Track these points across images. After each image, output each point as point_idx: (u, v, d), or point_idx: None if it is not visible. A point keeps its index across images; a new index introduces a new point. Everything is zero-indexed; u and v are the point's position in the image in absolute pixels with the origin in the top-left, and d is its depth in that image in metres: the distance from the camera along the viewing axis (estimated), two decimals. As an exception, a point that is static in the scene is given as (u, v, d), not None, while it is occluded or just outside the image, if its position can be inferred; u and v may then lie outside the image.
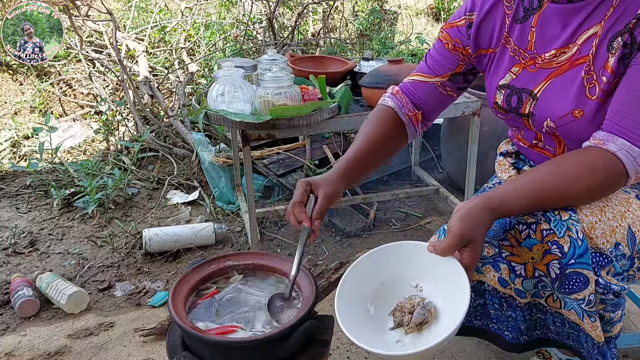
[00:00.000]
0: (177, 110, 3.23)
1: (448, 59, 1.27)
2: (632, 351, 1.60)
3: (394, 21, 5.02)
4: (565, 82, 1.08)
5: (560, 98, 1.09)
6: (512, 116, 1.19)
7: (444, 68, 1.28)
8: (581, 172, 1.00)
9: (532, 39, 1.13)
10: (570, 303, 1.02)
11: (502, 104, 1.19)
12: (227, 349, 1.08)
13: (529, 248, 1.01)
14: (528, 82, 1.14)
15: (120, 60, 3.19)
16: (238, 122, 1.85)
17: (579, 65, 1.07)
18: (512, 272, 1.04)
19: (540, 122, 1.13)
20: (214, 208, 2.59)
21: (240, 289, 1.25)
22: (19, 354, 1.69)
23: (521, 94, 1.15)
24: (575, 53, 1.07)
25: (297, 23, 4.11)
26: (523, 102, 1.14)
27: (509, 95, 1.17)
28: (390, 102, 1.31)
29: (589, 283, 0.99)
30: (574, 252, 0.98)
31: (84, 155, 3.30)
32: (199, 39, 4.37)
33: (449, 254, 0.99)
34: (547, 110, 1.10)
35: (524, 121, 1.17)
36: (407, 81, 1.33)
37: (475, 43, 1.23)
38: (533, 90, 1.13)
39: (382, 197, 2.56)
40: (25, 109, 3.74)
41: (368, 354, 1.61)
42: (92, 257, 2.23)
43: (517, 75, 1.16)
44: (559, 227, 0.99)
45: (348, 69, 2.34)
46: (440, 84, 1.29)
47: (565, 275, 0.99)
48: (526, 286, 1.04)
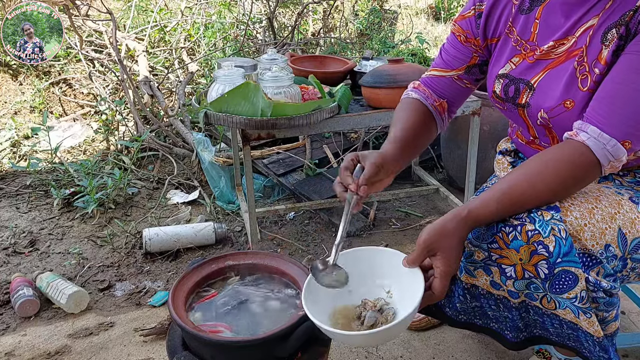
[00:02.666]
0: (177, 110, 3.23)
1: (462, 52, 1.28)
2: (632, 351, 1.60)
3: (394, 21, 5.02)
4: (560, 73, 1.09)
5: (553, 89, 1.10)
6: (509, 106, 1.19)
7: (459, 61, 1.28)
8: (547, 168, 1.01)
9: (535, 31, 1.14)
10: (564, 302, 1.02)
11: (500, 93, 1.20)
12: (227, 349, 1.08)
13: (516, 250, 1.01)
14: (526, 73, 1.15)
15: (120, 60, 3.18)
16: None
17: (574, 57, 1.07)
18: (503, 274, 1.05)
19: (535, 113, 1.13)
20: (214, 208, 2.59)
21: (239, 291, 1.25)
22: (19, 354, 1.69)
23: (519, 84, 1.15)
24: (572, 45, 1.08)
25: (297, 23, 4.11)
26: (520, 93, 1.15)
27: (507, 85, 1.18)
28: (414, 95, 1.32)
29: (579, 280, 0.99)
30: (559, 251, 0.98)
31: (84, 155, 3.30)
32: (199, 39, 4.37)
33: (416, 263, 1.04)
34: (542, 101, 1.11)
35: (520, 112, 1.17)
36: (426, 76, 1.34)
37: (484, 33, 1.23)
38: (530, 81, 1.13)
39: (382, 196, 2.56)
40: (25, 109, 3.74)
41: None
42: (92, 256, 2.23)
43: (517, 65, 1.16)
44: (543, 227, 0.99)
45: (348, 69, 2.35)
46: (457, 77, 1.30)
47: (554, 275, 0.99)
48: (518, 287, 1.05)
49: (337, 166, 2.84)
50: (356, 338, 1.04)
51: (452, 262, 1.02)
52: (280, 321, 1.13)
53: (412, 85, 1.35)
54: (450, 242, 1.01)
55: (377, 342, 1.04)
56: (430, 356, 1.63)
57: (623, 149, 1.00)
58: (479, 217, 1.03)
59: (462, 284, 1.13)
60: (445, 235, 1.01)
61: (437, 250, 1.02)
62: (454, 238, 1.01)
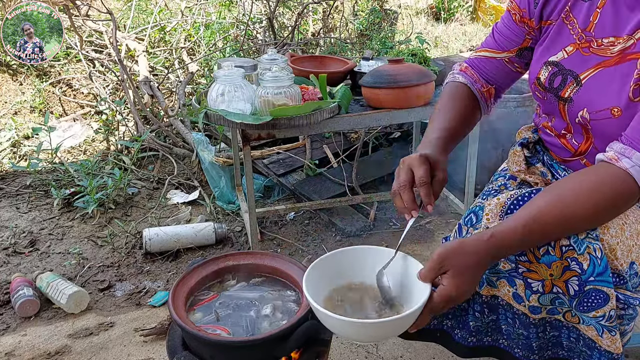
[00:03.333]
0: (177, 110, 3.23)
1: (515, 32, 1.18)
2: (633, 351, 1.60)
3: (394, 21, 5.01)
4: (613, 75, 1.00)
5: (604, 90, 1.01)
6: (550, 97, 1.11)
7: (512, 42, 1.19)
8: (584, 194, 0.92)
9: (595, 20, 1.04)
10: (589, 320, 0.98)
11: (544, 81, 1.11)
12: (227, 349, 1.08)
13: (547, 265, 0.96)
14: (577, 65, 1.05)
15: (120, 60, 3.18)
16: (238, 122, 1.85)
17: (630, 61, 0.98)
18: (528, 288, 1.00)
19: (576, 111, 1.06)
20: (214, 208, 2.59)
21: (239, 292, 1.25)
22: (19, 354, 1.69)
23: (566, 76, 1.07)
24: (630, 46, 0.98)
25: (297, 23, 4.11)
26: (566, 85, 1.06)
27: (554, 74, 1.09)
28: (461, 79, 1.24)
29: (609, 300, 0.94)
30: (593, 270, 0.93)
31: (84, 155, 3.30)
32: (199, 39, 4.37)
33: (428, 279, 0.94)
34: (587, 100, 1.03)
35: (560, 106, 1.10)
36: (474, 57, 1.25)
37: (540, 14, 1.13)
38: (579, 75, 1.05)
39: (382, 197, 2.56)
40: (25, 109, 3.74)
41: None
42: (93, 257, 2.23)
43: (570, 55, 1.07)
44: (578, 244, 0.94)
45: (348, 69, 2.34)
46: (508, 60, 1.21)
47: (584, 292, 0.95)
48: (543, 302, 1.00)
49: (336, 166, 2.84)
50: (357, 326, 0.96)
51: (461, 285, 0.92)
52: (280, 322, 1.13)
53: (457, 67, 1.27)
54: (466, 261, 0.92)
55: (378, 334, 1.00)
56: (431, 356, 1.63)
57: None
58: (503, 242, 0.93)
59: (481, 299, 1.09)
60: (461, 253, 0.92)
61: (449, 268, 0.92)
62: (470, 257, 0.92)
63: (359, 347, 1.66)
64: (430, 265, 0.94)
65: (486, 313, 1.10)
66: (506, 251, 0.96)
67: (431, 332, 1.19)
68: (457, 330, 1.16)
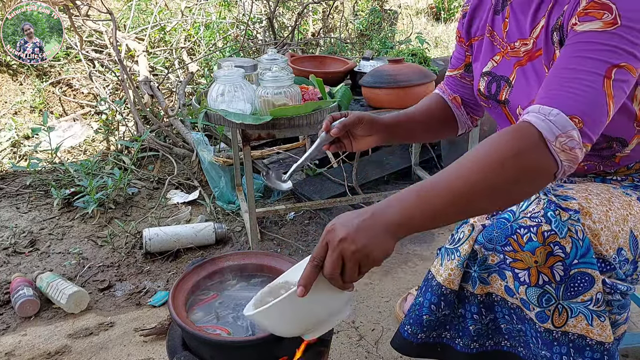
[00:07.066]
0: (177, 110, 3.23)
1: (460, 52, 1.35)
2: (633, 351, 1.60)
3: (394, 21, 5.02)
4: (530, 72, 1.11)
5: (528, 86, 1.11)
6: (492, 103, 1.21)
7: (459, 60, 1.36)
8: (482, 145, 0.90)
9: (505, 29, 1.17)
10: (577, 308, 0.99)
11: (483, 90, 1.22)
12: (227, 349, 1.08)
13: (531, 252, 0.98)
14: (505, 70, 1.17)
15: (120, 60, 3.18)
16: (238, 122, 1.85)
17: (537, 58, 1.09)
18: (516, 279, 1.01)
19: (514, 110, 1.15)
20: (214, 208, 2.58)
21: (238, 292, 1.25)
22: (19, 354, 1.69)
23: (500, 81, 1.18)
24: (533, 46, 1.10)
25: (297, 23, 4.11)
26: (501, 89, 1.17)
27: (489, 82, 1.20)
28: (436, 91, 1.44)
29: (595, 282, 0.96)
30: (576, 252, 0.96)
31: (84, 155, 3.30)
32: (199, 39, 4.37)
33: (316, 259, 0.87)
34: (519, 98, 1.13)
35: (502, 108, 1.19)
36: (446, 76, 1.44)
37: (468, 33, 1.29)
38: (509, 78, 1.16)
39: (382, 197, 2.56)
40: (25, 109, 3.74)
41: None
42: (93, 256, 2.23)
43: (498, 63, 1.19)
44: (560, 227, 0.97)
45: (348, 69, 2.35)
46: (461, 76, 1.37)
47: (570, 276, 0.97)
48: (530, 296, 1.01)
49: (336, 166, 2.84)
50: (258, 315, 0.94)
51: (332, 259, 0.84)
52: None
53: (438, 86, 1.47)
54: (341, 233, 0.84)
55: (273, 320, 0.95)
56: (430, 356, 1.63)
57: (571, 122, 0.88)
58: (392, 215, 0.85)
59: (476, 299, 1.10)
60: (346, 225, 0.85)
61: (328, 241, 0.86)
62: (352, 230, 0.84)
63: (359, 346, 1.66)
64: (319, 244, 0.88)
65: (484, 313, 1.11)
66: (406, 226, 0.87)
67: (431, 346, 1.19)
68: (457, 340, 1.17)
